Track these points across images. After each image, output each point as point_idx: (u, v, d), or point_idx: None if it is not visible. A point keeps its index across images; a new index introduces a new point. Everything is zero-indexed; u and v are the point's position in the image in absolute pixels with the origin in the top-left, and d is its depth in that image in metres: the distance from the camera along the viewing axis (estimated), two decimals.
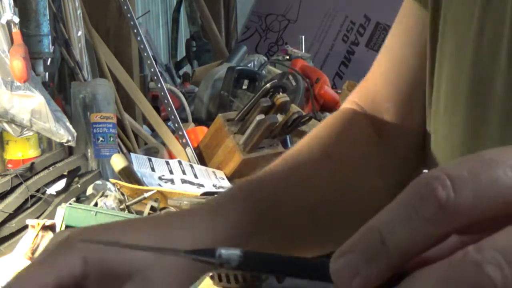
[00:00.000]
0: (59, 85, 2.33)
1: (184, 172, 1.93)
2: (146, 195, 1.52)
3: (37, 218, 1.47)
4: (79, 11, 2.19)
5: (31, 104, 1.75)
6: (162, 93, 2.22)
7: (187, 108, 2.60)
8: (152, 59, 2.29)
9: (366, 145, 0.75)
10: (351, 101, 0.80)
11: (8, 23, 1.74)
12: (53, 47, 1.98)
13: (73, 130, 1.85)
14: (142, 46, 2.30)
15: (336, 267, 0.32)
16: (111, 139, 2.10)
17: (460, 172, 0.31)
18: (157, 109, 2.56)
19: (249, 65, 3.04)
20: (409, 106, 0.75)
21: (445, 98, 0.65)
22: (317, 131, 0.74)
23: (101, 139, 2.08)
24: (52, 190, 1.63)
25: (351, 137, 0.75)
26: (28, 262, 1.18)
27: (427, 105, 0.70)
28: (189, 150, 2.09)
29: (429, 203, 0.30)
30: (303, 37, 3.54)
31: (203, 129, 2.24)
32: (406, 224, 0.31)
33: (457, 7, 0.64)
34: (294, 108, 2.16)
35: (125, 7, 2.28)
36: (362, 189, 0.72)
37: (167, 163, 1.97)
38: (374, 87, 0.78)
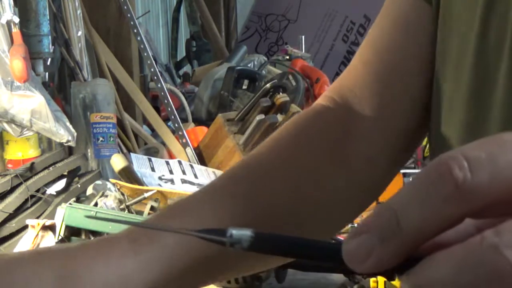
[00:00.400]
0: (59, 85, 2.33)
1: (184, 172, 1.93)
2: (146, 195, 1.52)
3: (37, 218, 1.47)
4: (79, 11, 2.19)
5: (31, 104, 1.75)
6: (162, 93, 2.22)
7: (187, 108, 2.60)
8: (152, 59, 2.29)
9: (327, 143, 0.71)
10: (326, 96, 0.75)
11: (8, 23, 1.74)
12: (53, 47, 1.98)
13: (73, 130, 1.85)
14: (142, 46, 2.30)
15: (349, 247, 0.32)
16: (111, 139, 2.10)
17: (477, 154, 0.31)
18: (157, 109, 2.56)
19: (249, 65, 3.04)
20: (390, 98, 0.71)
21: (447, 97, 0.65)
22: (277, 134, 0.71)
23: (101, 139, 2.08)
24: (52, 190, 1.63)
25: (311, 137, 0.71)
26: None
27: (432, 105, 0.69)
28: (189, 150, 2.09)
29: (445, 183, 0.30)
30: (303, 37, 3.54)
31: (203, 129, 2.24)
32: (421, 204, 0.31)
33: (459, 6, 0.64)
34: (294, 108, 2.16)
35: (125, 7, 2.28)
36: (320, 190, 0.68)
37: (167, 163, 1.97)
38: (354, 78, 0.74)
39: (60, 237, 1.36)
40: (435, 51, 0.67)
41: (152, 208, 1.48)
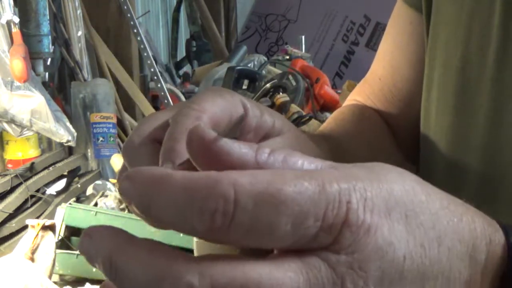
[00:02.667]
0: (59, 85, 2.33)
1: None
2: None
3: (37, 218, 1.47)
4: (79, 11, 2.19)
5: (31, 104, 1.75)
6: (162, 93, 2.22)
7: None
8: (152, 59, 2.29)
9: (382, 126, 0.76)
10: (352, 100, 0.81)
11: (8, 23, 1.74)
12: (53, 47, 1.98)
13: (73, 130, 1.85)
14: (142, 46, 2.30)
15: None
16: (111, 139, 2.10)
17: (248, 202, 0.29)
18: (157, 109, 2.56)
19: (249, 65, 3.04)
20: (405, 114, 0.76)
21: (436, 101, 0.66)
22: (335, 116, 0.76)
23: (101, 139, 2.08)
24: (52, 190, 1.63)
25: (371, 118, 0.76)
26: (28, 262, 1.18)
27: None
28: None
29: (203, 218, 0.29)
30: (303, 37, 3.54)
31: None
32: (175, 209, 0.30)
33: (446, 13, 0.65)
34: (294, 108, 2.16)
35: (125, 7, 2.28)
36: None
37: None
38: (371, 90, 0.79)
39: (60, 237, 1.36)
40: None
41: None
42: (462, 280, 0.34)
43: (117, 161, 1.80)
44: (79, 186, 1.70)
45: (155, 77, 2.25)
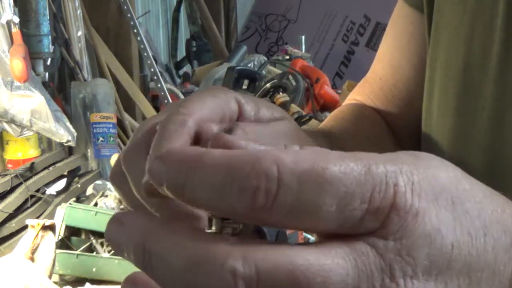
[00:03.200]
0: (59, 85, 2.33)
1: None
2: None
3: (37, 218, 1.47)
4: (79, 11, 2.19)
5: (31, 104, 1.75)
6: (162, 93, 2.22)
7: None
8: (152, 59, 2.29)
9: (381, 125, 0.76)
10: (352, 99, 0.81)
11: (8, 23, 1.74)
12: (53, 47, 1.98)
13: (73, 130, 1.85)
14: (142, 46, 2.30)
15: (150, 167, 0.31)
16: (111, 139, 2.10)
17: (292, 181, 0.28)
18: (157, 109, 2.56)
19: (249, 65, 3.04)
20: (405, 114, 0.76)
21: (437, 102, 0.66)
22: (334, 114, 0.76)
23: (101, 139, 2.08)
24: (52, 190, 1.63)
25: (371, 117, 0.76)
26: (28, 262, 1.18)
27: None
28: None
29: (244, 197, 0.28)
30: (303, 37, 3.54)
31: None
32: (212, 187, 0.29)
33: (448, 13, 0.65)
34: (294, 108, 2.16)
35: (125, 7, 2.28)
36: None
37: None
38: (371, 90, 0.79)
39: (60, 237, 1.36)
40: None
41: None
42: (506, 274, 0.33)
43: None
44: (79, 186, 1.70)
45: (155, 77, 2.25)
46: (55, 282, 1.23)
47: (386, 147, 0.73)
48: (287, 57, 3.15)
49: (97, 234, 1.38)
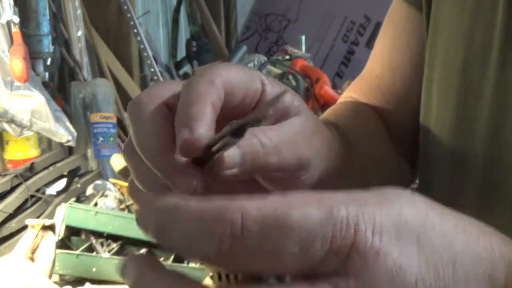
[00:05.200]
0: (59, 85, 2.33)
1: None
2: None
3: (37, 218, 1.47)
4: (79, 11, 2.19)
5: (31, 104, 1.75)
6: None
7: None
8: (152, 59, 2.29)
9: (378, 121, 0.75)
10: (348, 97, 0.80)
11: (8, 23, 1.74)
12: (53, 47, 1.98)
13: (73, 130, 1.85)
14: (142, 46, 2.30)
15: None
16: (111, 139, 2.10)
17: (254, 227, 0.31)
18: None
19: (249, 65, 3.04)
20: (401, 112, 0.75)
21: (436, 102, 0.65)
22: (333, 110, 0.75)
23: (101, 139, 2.08)
24: (52, 190, 1.63)
25: (368, 113, 0.75)
26: (28, 262, 1.18)
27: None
28: None
29: (212, 242, 0.31)
30: (303, 37, 3.54)
31: None
32: (188, 235, 0.32)
33: (447, 12, 0.64)
34: None
35: (125, 7, 2.28)
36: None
37: None
38: (367, 87, 0.78)
39: (60, 237, 1.36)
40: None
41: None
42: None
43: (117, 161, 1.80)
44: (79, 186, 1.70)
45: (155, 77, 2.25)
46: (55, 282, 1.23)
47: (384, 143, 0.73)
48: (287, 57, 3.15)
49: (97, 234, 1.38)
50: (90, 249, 1.37)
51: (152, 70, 2.26)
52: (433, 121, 0.66)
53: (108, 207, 1.47)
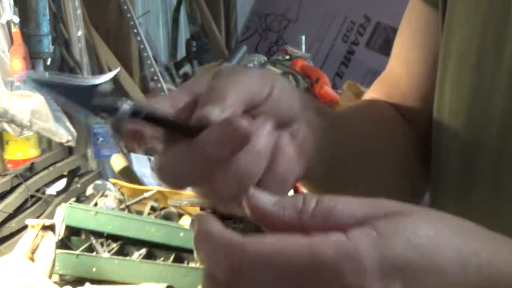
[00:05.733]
0: None
1: None
2: (146, 195, 1.52)
3: (37, 218, 1.47)
4: (79, 11, 2.19)
5: (31, 104, 1.75)
6: (162, 93, 2.22)
7: None
8: (152, 59, 2.29)
9: (395, 118, 0.74)
10: (368, 98, 0.79)
11: (8, 23, 1.74)
12: (53, 47, 1.98)
13: (73, 130, 1.85)
14: (142, 46, 2.30)
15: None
16: (111, 139, 2.10)
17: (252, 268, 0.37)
18: None
19: (249, 65, 3.04)
20: (423, 112, 0.73)
21: (449, 100, 0.65)
22: (350, 109, 0.75)
23: (101, 139, 2.08)
24: (52, 190, 1.63)
25: (383, 108, 0.74)
26: (28, 262, 1.18)
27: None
28: None
29: (221, 268, 0.38)
30: (303, 37, 3.54)
31: None
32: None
33: (461, 11, 0.64)
34: None
35: (125, 7, 2.28)
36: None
37: None
38: (387, 87, 0.77)
39: (60, 237, 1.36)
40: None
41: (152, 208, 1.48)
42: None
43: (117, 161, 1.80)
44: (79, 186, 1.70)
45: (155, 77, 2.25)
46: (55, 282, 1.23)
47: (382, 139, 0.72)
48: (287, 57, 3.15)
49: (97, 234, 1.38)
50: (90, 249, 1.37)
51: (152, 70, 2.26)
52: (446, 118, 0.66)
53: (108, 207, 1.47)
